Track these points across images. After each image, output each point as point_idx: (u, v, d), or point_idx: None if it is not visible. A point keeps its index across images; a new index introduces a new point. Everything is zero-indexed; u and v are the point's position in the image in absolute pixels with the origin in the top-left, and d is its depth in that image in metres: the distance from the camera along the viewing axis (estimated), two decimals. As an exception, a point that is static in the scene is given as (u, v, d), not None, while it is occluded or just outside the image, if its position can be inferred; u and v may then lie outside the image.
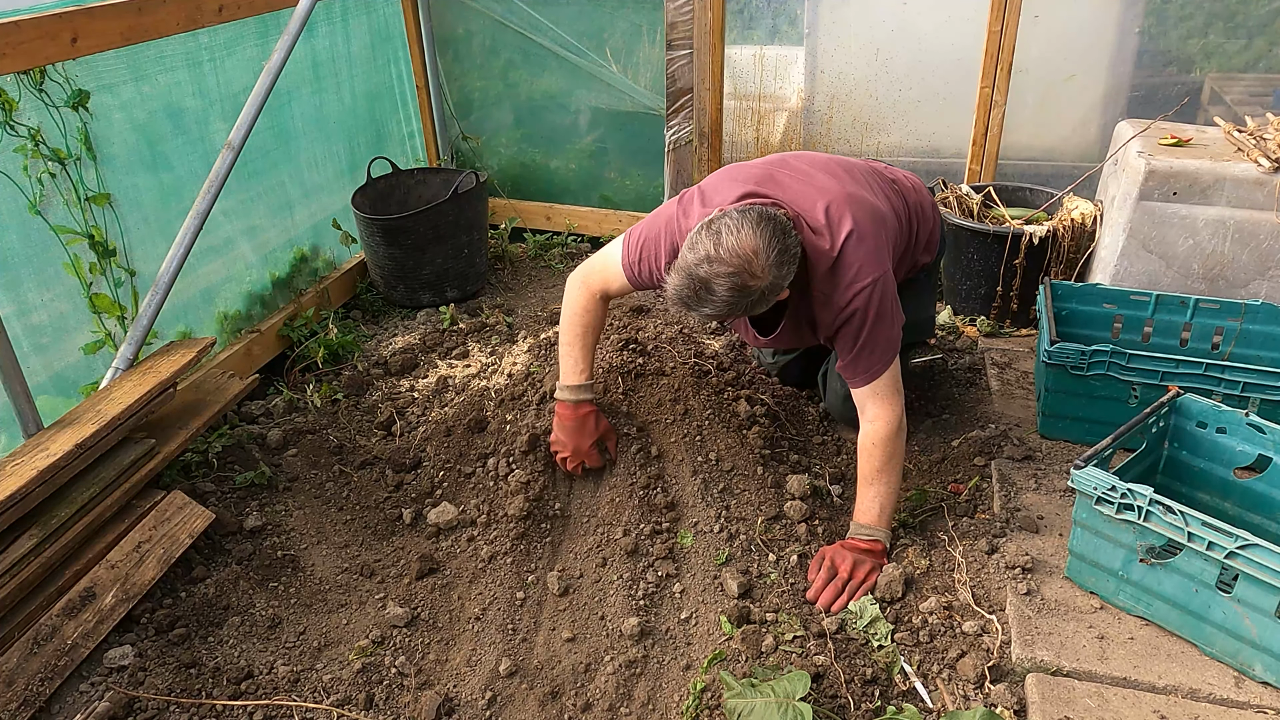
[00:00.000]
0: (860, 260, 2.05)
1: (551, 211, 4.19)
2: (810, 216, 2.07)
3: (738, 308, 1.92)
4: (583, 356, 2.32)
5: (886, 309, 2.08)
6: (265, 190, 3.19)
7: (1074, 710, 1.74)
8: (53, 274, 2.39)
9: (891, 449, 2.13)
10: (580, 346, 2.32)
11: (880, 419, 2.13)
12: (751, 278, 1.87)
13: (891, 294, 2.10)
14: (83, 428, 2.04)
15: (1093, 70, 3.27)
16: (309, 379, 3.03)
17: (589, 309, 2.31)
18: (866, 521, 2.16)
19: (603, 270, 2.30)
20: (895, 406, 2.14)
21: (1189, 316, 2.60)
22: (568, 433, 2.32)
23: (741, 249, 1.86)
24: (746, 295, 1.89)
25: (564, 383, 2.34)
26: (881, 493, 2.15)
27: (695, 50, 3.59)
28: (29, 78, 2.26)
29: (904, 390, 2.20)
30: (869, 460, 2.15)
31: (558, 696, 1.90)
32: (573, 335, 2.32)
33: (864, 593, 2.07)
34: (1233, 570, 1.73)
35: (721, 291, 1.87)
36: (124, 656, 1.92)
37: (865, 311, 2.05)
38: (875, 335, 2.08)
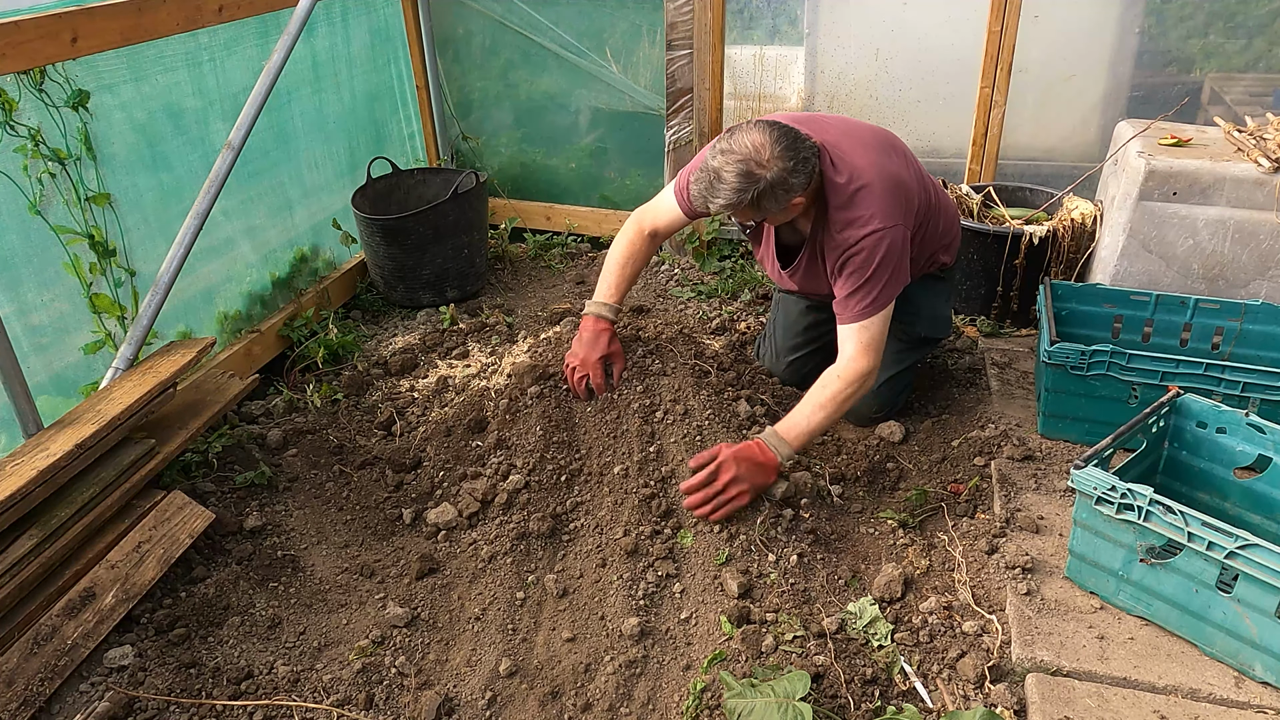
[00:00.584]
0: (874, 208, 2.21)
1: (551, 211, 4.19)
2: (835, 153, 2.25)
3: (746, 195, 2.08)
4: (616, 282, 2.53)
5: (891, 261, 2.22)
6: (265, 190, 3.19)
7: (1074, 710, 1.74)
8: (53, 274, 2.39)
9: (848, 392, 2.26)
10: (617, 273, 2.54)
11: (856, 361, 2.27)
12: (759, 165, 2.07)
13: (899, 251, 2.24)
14: (83, 428, 2.04)
15: (1093, 70, 3.27)
16: (309, 379, 3.03)
17: (634, 242, 2.55)
18: (783, 432, 2.25)
19: (655, 206, 2.56)
20: (871, 360, 2.27)
21: (1189, 316, 2.60)
22: (581, 345, 2.48)
23: (751, 141, 2.09)
24: (754, 182, 2.07)
25: (594, 299, 2.54)
26: (814, 420, 2.25)
27: (695, 50, 3.59)
28: (29, 78, 2.26)
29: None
30: (824, 388, 2.27)
31: (558, 696, 1.90)
32: (614, 262, 2.56)
33: (726, 514, 2.17)
34: (1233, 570, 1.73)
35: (729, 177, 2.07)
36: (124, 656, 1.92)
37: (872, 254, 2.20)
38: (875, 279, 2.22)
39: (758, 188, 2.08)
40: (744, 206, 2.12)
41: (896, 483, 2.48)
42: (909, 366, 2.70)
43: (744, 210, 2.15)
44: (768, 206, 2.14)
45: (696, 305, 3.53)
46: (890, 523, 2.30)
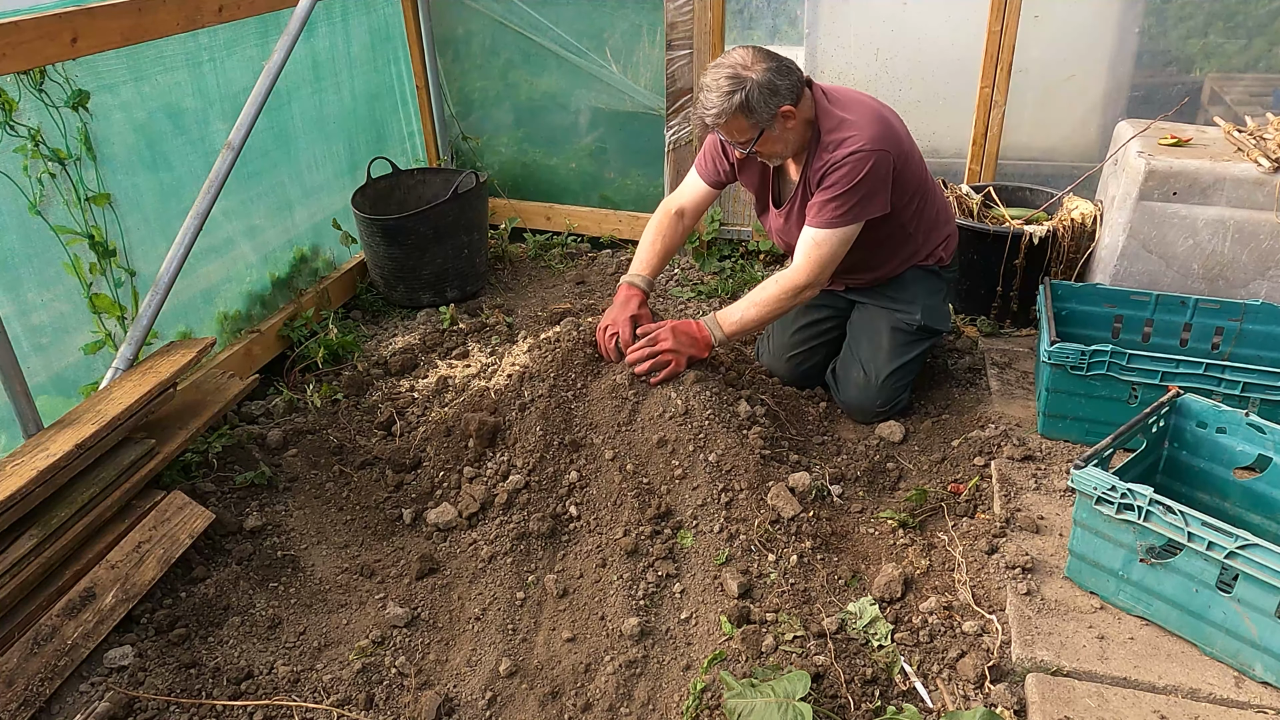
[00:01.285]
0: (863, 131, 2.37)
1: (551, 211, 4.19)
2: (829, 90, 2.46)
3: (735, 97, 2.25)
4: (646, 257, 2.74)
5: (870, 181, 2.37)
6: (265, 190, 3.19)
7: (1074, 710, 1.74)
8: (53, 274, 2.39)
9: (785, 294, 2.49)
10: (648, 249, 2.75)
11: (797, 271, 2.47)
12: (744, 68, 2.28)
13: (881, 175, 2.39)
14: (82, 428, 2.04)
15: (1093, 70, 3.27)
16: (309, 379, 3.03)
17: (661, 221, 2.77)
18: (720, 320, 2.54)
19: (681, 187, 2.80)
20: (812, 276, 2.46)
21: (1189, 316, 2.60)
22: (613, 307, 2.66)
23: (736, 54, 2.33)
24: (740, 84, 2.25)
25: (631, 270, 2.75)
26: (747, 314, 2.52)
27: (695, 50, 3.59)
28: (29, 78, 2.26)
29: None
30: (763, 290, 2.52)
31: (558, 696, 1.90)
32: (644, 240, 2.78)
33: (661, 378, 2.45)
34: (1233, 570, 1.73)
35: (720, 83, 2.26)
36: (124, 656, 1.92)
37: (854, 170, 2.35)
38: (850, 194, 2.37)
39: (744, 89, 2.25)
40: (735, 112, 2.27)
41: (896, 483, 2.48)
42: (911, 360, 2.70)
43: (736, 119, 2.29)
44: (759, 110, 2.27)
45: (696, 305, 3.53)
46: (890, 523, 2.30)
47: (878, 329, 2.71)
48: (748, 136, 2.37)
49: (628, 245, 4.08)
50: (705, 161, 2.72)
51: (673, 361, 2.46)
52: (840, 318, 2.85)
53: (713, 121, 2.32)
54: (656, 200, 3.98)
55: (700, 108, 2.34)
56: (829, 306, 2.88)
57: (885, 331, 2.68)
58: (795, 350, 2.80)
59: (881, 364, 2.66)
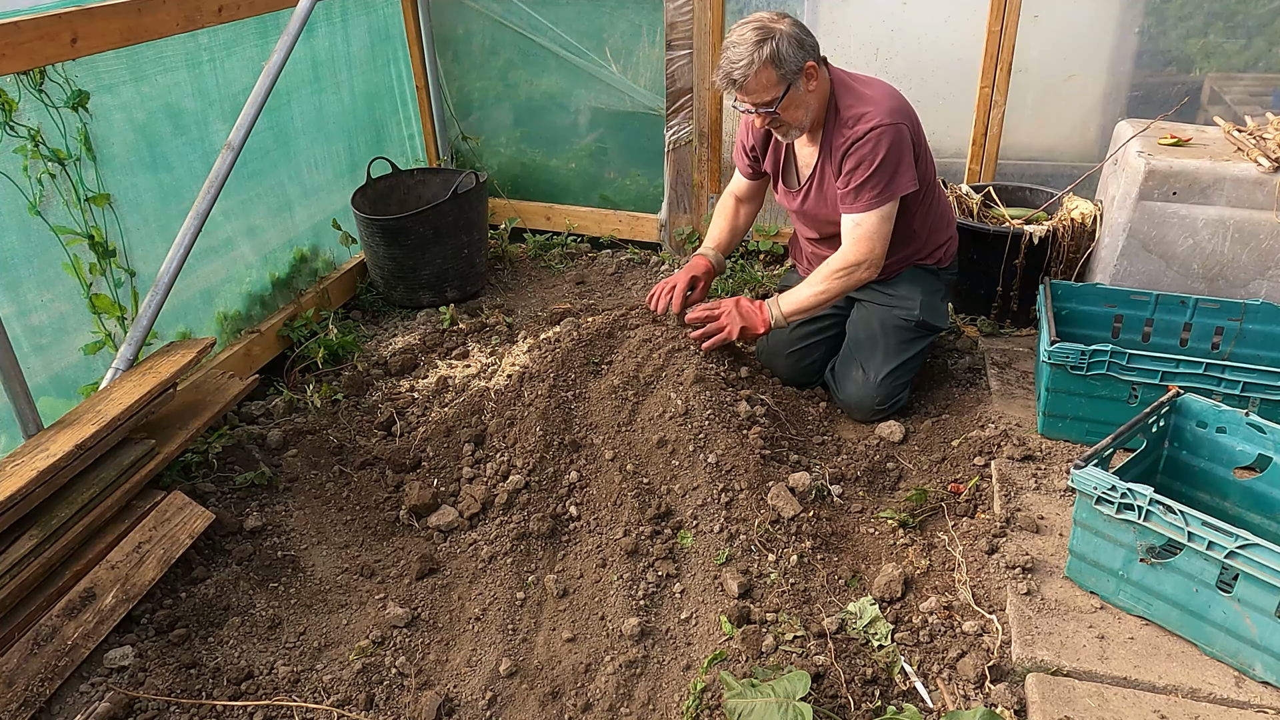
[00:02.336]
0: (881, 108, 2.42)
1: (551, 211, 4.19)
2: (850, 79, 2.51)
3: (763, 49, 2.28)
4: (713, 233, 2.94)
5: (896, 156, 2.41)
6: (265, 190, 3.19)
7: (1074, 710, 1.74)
8: (53, 274, 2.39)
9: (843, 275, 2.53)
10: (716, 228, 2.95)
11: (850, 252, 2.52)
12: (771, 21, 2.32)
13: (902, 147, 2.43)
14: (82, 428, 2.04)
15: (1093, 70, 3.27)
16: (309, 379, 3.03)
17: (725, 203, 2.96)
18: (781, 302, 2.61)
19: (733, 177, 2.95)
20: (866, 250, 2.50)
21: (1189, 316, 2.60)
22: (680, 272, 2.81)
23: (756, 14, 2.37)
24: (770, 34, 2.29)
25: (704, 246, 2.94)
26: (807, 297, 2.59)
27: (695, 50, 3.59)
28: (29, 78, 2.26)
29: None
30: (821, 270, 2.57)
31: (558, 697, 1.90)
32: (714, 220, 2.98)
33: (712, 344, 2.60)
34: (1233, 570, 1.73)
35: (747, 34, 2.30)
36: (124, 657, 1.92)
37: (876, 147, 2.39)
38: (880, 172, 2.42)
39: (774, 38, 2.28)
40: (765, 63, 2.28)
41: (896, 483, 2.48)
42: (910, 358, 2.70)
43: (765, 71, 2.30)
44: (787, 60, 2.30)
45: (696, 305, 3.52)
46: (890, 523, 2.30)
47: (876, 327, 2.71)
48: (773, 95, 2.36)
49: (628, 245, 4.08)
50: (736, 154, 2.84)
51: (726, 329, 2.59)
52: (839, 316, 2.85)
53: (741, 75, 2.31)
54: (656, 200, 4.01)
55: (726, 64, 2.33)
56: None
57: (884, 329, 2.69)
58: (794, 347, 2.81)
59: (880, 362, 2.66)
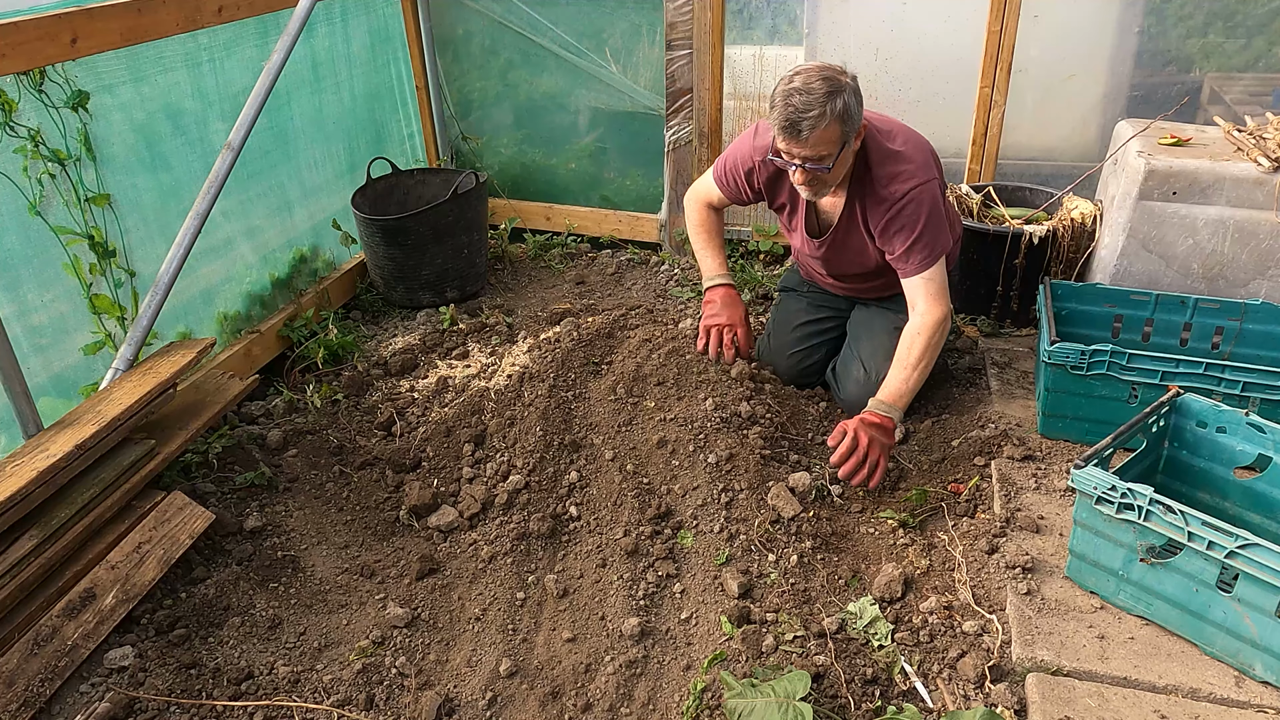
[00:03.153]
0: (916, 164, 2.35)
1: (551, 212, 4.19)
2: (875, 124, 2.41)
3: (837, 102, 2.15)
4: (715, 254, 2.76)
5: (938, 212, 2.36)
6: (265, 191, 3.19)
7: (1074, 710, 1.74)
8: (53, 275, 2.39)
9: (934, 339, 2.38)
10: (711, 247, 2.76)
11: (929, 313, 2.39)
12: (838, 74, 2.18)
13: (940, 205, 2.38)
14: (82, 428, 2.04)
15: (1092, 70, 3.27)
16: (309, 379, 3.03)
17: (705, 215, 2.77)
18: (887, 398, 2.37)
19: (706, 188, 2.76)
20: (945, 305, 2.40)
21: (1189, 316, 2.60)
22: (723, 308, 2.67)
23: (818, 62, 2.23)
24: (841, 88, 2.16)
25: (708, 275, 2.75)
26: (912, 378, 2.38)
27: (695, 50, 3.59)
28: (29, 78, 2.26)
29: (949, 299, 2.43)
30: (910, 348, 2.39)
31: (558, 697, 1.90)
32: (702, 240, 2.77)
33: (879, 479, 2.31)
34: (1233, 570, 1.73)
35: (818, 85, 2.14)
36: (124, 657, 1.92)
37: (919, 206, 2.33)
38: (929, 229, 2.34)
39: (843, 94, 2.17)
40: (834, 118, 2.16)
41: (896, 483, 2.48)
42: None
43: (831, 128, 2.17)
44: (853, 119, 2.20)
45: (697, 305, 3.53)
46: (890, 523, 2.30)
47: (878, 327, 2.71)
48: (829, 151, 2.22)
49: (627, 245, 4.08)
50: (727, 181, 2.65)
51: (881, 456, 2.31)
52: (840, 317, 2.85)
53: (809, 126, 2.15)
54: (657, 200, 4.00)
55: (792, 111, 2.15)
56: (829, 306, 2.88)
57: (885, 330, 2.69)
58: (796, 348, 2.81)
59: (881, 361, 2.65)
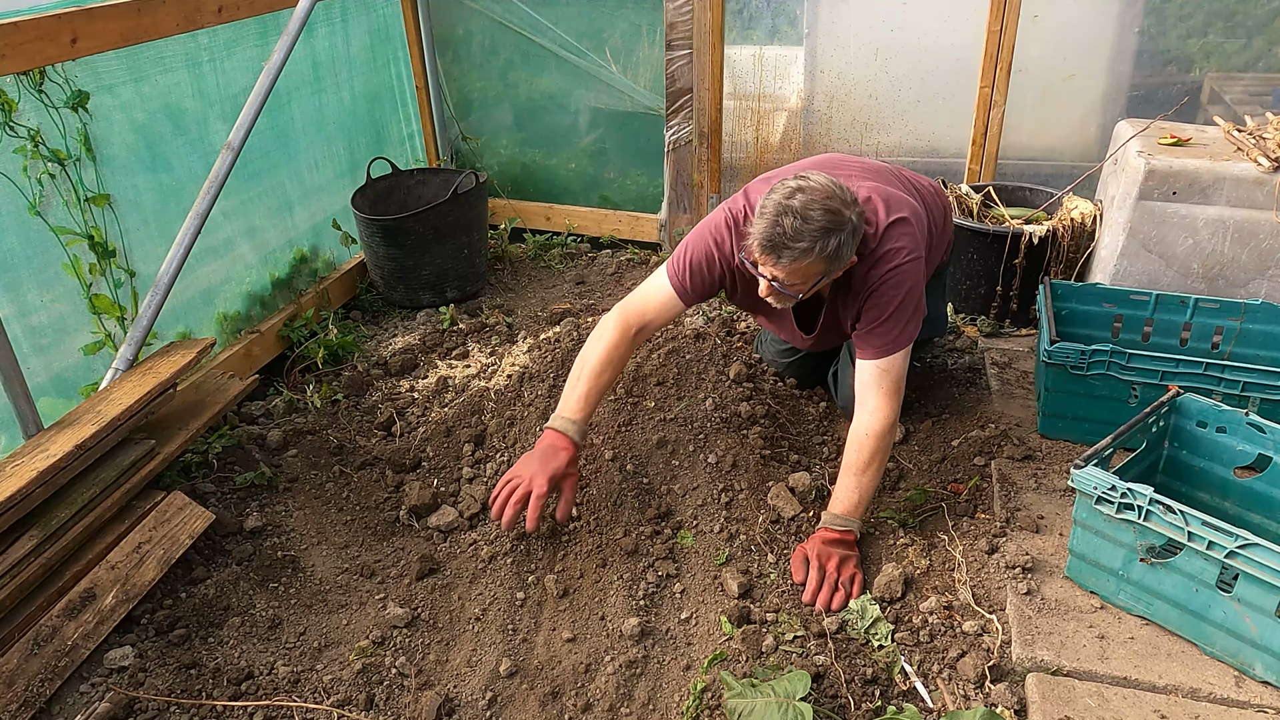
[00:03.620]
0: (901, 241, 2.12)
1: (551, 212, 4.19)
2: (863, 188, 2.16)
3: (830, 241, 1.92)
4: (586, 392, 2.19)
5: (916, 294, 2.15)
6: (265, 191, 3.19)
7: (1074, 710, 1.74)
8: (52, 275, 2.39)
9: (883, 444, 2.14)
10: (590, 382, 2.19)
11: (879, 412, 2.14)
12: (844, 205, 1.95)
13: (921, 282, 2.17)
14: (82, 429, 2.04)
15: (1092, 70, 3.27)
16: (309, 379, 3.03)
17: (616, 345, 2.21)
18: (842, 511, 2.15)
19: (643, 299, 2.26)
20: (895, 405, 2.16)
21: (1189, 316, 2.60)
22: (533, 458, 2.15)
23: (830, 183, 1.97)
24: (840, 226, 1.93)
25: (560, 412, 2.20)
26: (863, 485, 2.15)
27: (695, 50, 3.59)
28: (29, 78, 2.26)
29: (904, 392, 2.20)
30: (859, 452, 2.14)
31: (558, 697, 1.90)
32: (589, 371, 2.20)
33: (859, 590, 2.07)
34: (1233, 570, 1.73)
35: (817, 216, 1.90)
36: (124, 657, 1.92)
37: (898, 286, 2.11)
38: (900, 313, 2.12)
39: (842, 232, 1.93)
40: (823, 257, 1.93)
41: (896, 483, 2.48)
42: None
43: (814, 264, 1.95)
44: (842, 258, 1.97)
45: (697, 305, 3.52)
46: (890, 523, 2.30)
47: None
48: (806, 282, 2.03)
49: (627, 245, 4.08)
50: (688, 277, 2.22)
51: (854, 571, 2.10)
52: None
53: (790, 258, 1.93)
54: (656, 200, 4.00)
55: (776, 232, 1.92)
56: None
57: None
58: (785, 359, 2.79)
59: None
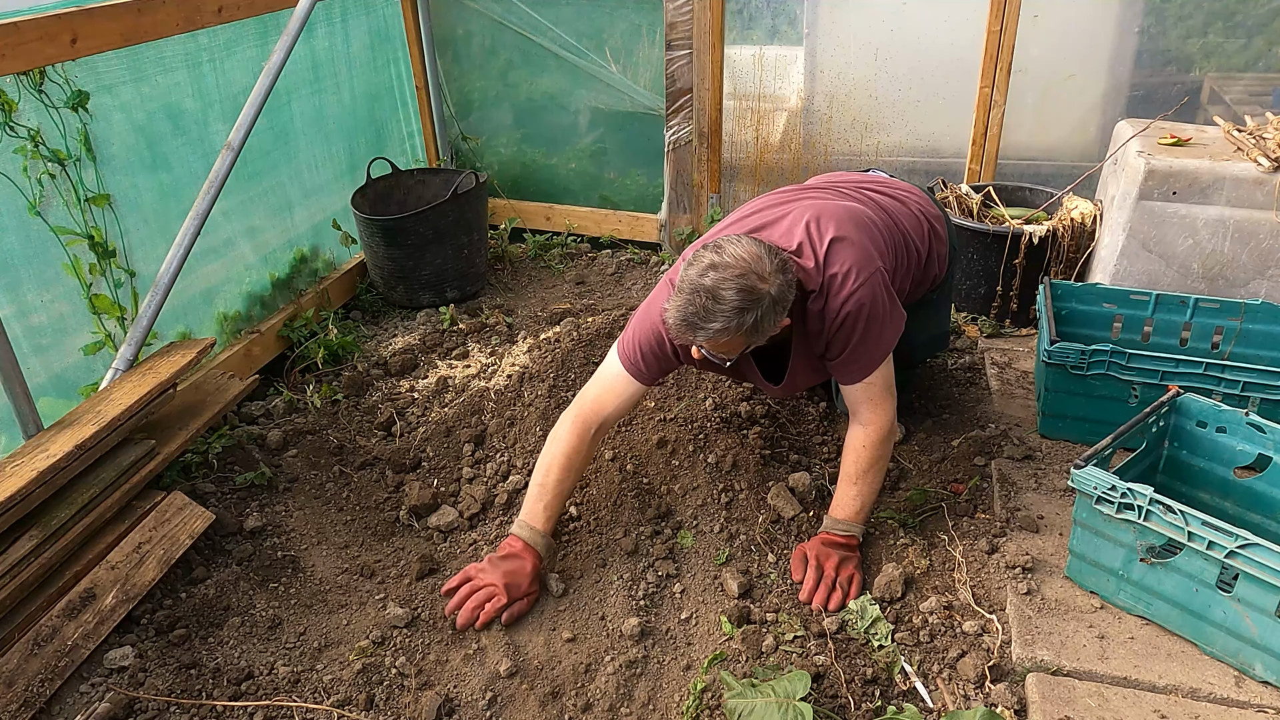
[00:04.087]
0: (847, 264, 1.99)
1: (551, 212, 4.19)
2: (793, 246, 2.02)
3: (747, 318, 1.81)
4: (551, 501, 2.13)
5: (880, 309, 2.03)
6: (265, 191, 3.19)
7: (1074, 710, 1.74)
8: (52, 275, 2.39)
9: (881, 452, 2.13)
10: (554, 490, 2.13)
11: (873, 423, 2.12)
12: (760, 279, 1.81)
13: (884, 293, 2.05)
14: (82, 429, 2.04)
15: (1092, 70, 3.27)
16: (309, 380, 3.03)
17: (576, 449, 2.13)
18: (843, 517, 2.15)
19: (597, 392, 2.19)
20: (889, 410, 2.13)
21: (1189, 316, 2.60)
22: (500, 567, 2.08)
23: (746, 253, 1.83)
24: (756, 302, 1.81)
25: (526, 519, 2.14)
26: (863, 491, 2.15)
27: (695, 50, 3.59)
28: (29, 79, 2.26)
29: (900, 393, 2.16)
30: (856, 460, 2.13)
31: (558, 697, 1.90)
32: (552, 480, 2.13)
33: (856, 591, 2.07)
34: (1233, 569, 1.73)
35: (730, 295, 1.78)
36: (124, 657, 1.92)
37: (856, 318, 2.00)
38: (868, 334, 2.03)
39: (760, 307, 1.81)
40: (741, 333, 1.83)
41: (896, 483, 2.48)
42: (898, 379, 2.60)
43: (735, 339, 1.86)
44: (764, 330, 1.87)
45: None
46: (890, 523, 2.30)
47: None
48: (730, 354, 1.96)
49: (627, 245, 4.08)
50: (640, 359, 2.13)
51: (853, 573, 2.10)
52: None
53: (705, 338, 1.85)
54: (656, 200, 4.00)
55: (688, 313, 1.82)
56: None
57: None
58: None
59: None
